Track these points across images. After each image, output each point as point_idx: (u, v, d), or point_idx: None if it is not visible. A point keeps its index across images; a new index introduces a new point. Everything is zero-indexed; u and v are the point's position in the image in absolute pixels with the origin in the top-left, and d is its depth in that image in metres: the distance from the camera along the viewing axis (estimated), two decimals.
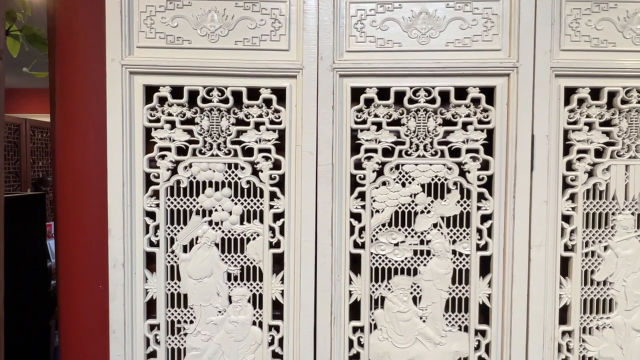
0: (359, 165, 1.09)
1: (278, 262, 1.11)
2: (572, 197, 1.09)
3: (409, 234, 1.10)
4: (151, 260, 1.12)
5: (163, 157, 1.10)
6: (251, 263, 1.12)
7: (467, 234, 1.10)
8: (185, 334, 1.12)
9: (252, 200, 1.11)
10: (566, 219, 1.09)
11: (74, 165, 1.18)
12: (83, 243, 1.18)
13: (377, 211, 1.10)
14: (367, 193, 1.09)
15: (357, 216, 1.10)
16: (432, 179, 1.09)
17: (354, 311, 1.11)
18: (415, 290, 1.11)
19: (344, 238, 1.09)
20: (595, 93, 1.08)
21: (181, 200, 1.11)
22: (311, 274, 1.09)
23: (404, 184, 1.10)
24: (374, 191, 1.09)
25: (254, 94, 1.09)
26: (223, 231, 1.11)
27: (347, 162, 1.08)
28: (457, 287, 1.11)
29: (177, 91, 1.09)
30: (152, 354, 1.13)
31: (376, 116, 1.08)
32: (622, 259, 1.10)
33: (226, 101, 1.08)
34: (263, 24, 1.08)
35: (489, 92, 1.07)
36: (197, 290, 1.11)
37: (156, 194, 1.10)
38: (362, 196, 1.09)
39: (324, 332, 1.09)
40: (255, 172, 1.10)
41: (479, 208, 1.09)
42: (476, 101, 1.08)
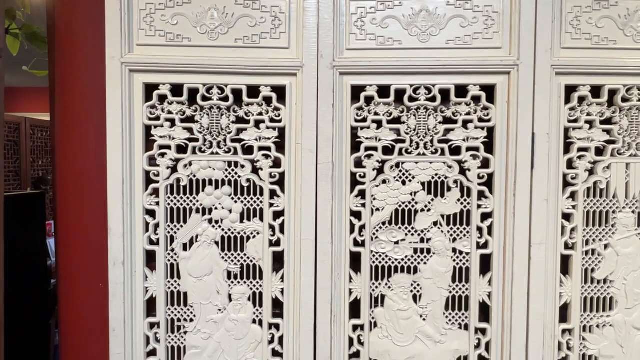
0: (359, 163, 1.09)
1: (278, 261, 1.11)
2: (573, 195, 1.09)
3: (409, 232, 1.10)
4: (151, 259, 1.12)
5: (163, 155, 1.10)
6: (251, 261, 1.12)
7: (468, 232, 1.10)
8: (185, 332, 1.12)
9: (252, 199, 1.11)
10: (567, 217, 1.09)
11: (74, 164, 1.18)
12: (83, 242, 1.18)
13: (378, 209, 1.10)
14: (367, 191, 1.09)
15: (357, 214, 1.10)
16: (433, 177, 1.09)
17: (354, 309, 1.11)
18: (415, 288, 1.11)
19: (344, 236, 1.09)
20: (596, 91, 1.08)
21: (181, 198, 1.11)
22: (311, 272, 1.08)
23: (404, 182, 1.09)
24: (374, 189, 1.09)
25: (254, 92, 1.08)
26: (223, 229, 1.11)
27: (347, 160, 1.08)
28: (457, 286, 1.11)
29: (177, 89, 1.09)
30: (152, 352, 1.13)
31: (376, 114, 1.08)
32: (623, 257, 1.09)
33: (226, 99, 1.08)
34: (263, 22, 1.08)
35: (489, 90, 1.07)
36: (197, 289, 1.11)
37: (156, 192, 1.10)
38: (362, 194, 1.09)
39: (324, 331, 1.09)
40: (255, 170, 1.10)
41: (479, 206, 1.09)
42: (477, 99, 1.07)
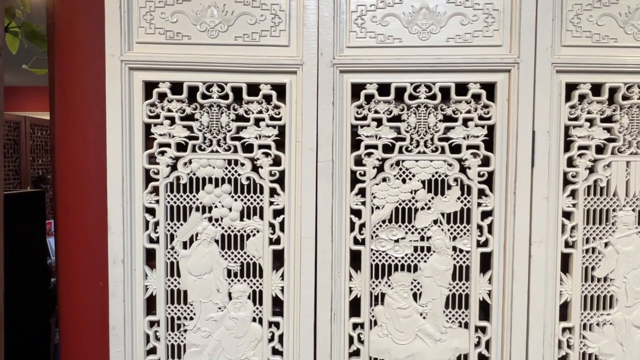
0: (359, 161, 1.09)
1: (278, 259, 1.11)
2: (573, 194, 1.09)
3: (409, 230, 1.10)
4: (151, 257, 1.11)
5: (163, 153, 1.10)
6: (251, 259, 1.11)
7: (468, 230, 1.10)
8: (185, 331, 1.12)
9: (252, 197, 1.11)
10: (567, 215, 1.09)
11: (73, 162, 1.18)
12: (83, 240, 1.18)
13: (378, 207, 1.09)
14: (367, 189, 1.09)
15: (357, 212, 1.10)
16: (433, 175, 1.09)
17: (354, 308, 1.11)
18: (415, 286, 1.11)
19: (344, 234, 1.09)
20: (597, 89, 1.07)
21: (181, 196, 1.11)
22: (311, 271, 1.08)
23: (404, 180, 1.09)
24: (374, 187, 1.09)
25: (253, 90, 1.08)
26: (223, 227, 1.11)
27: (347, 159, 1.08)
28: (457, 284, 1.11)
29: (176, 87, 1.08)
30: (152, 351, 1.12)
31: (376, 112, 1.08)
32: (623, 255, 1.09)
33: (226, 97, 1.08)
34: (263, 20, 1.07)
35: (489, 88, 1.07)
36: (197, 287, 1.11)
37: (156, 190, 1.10)
38: (362, 192, 1.09)
39: (324, 329, 1.09)
40: (255, 169, 1.10)
41: (479, 204, 1.09)
42: (477, 97, 1.07)
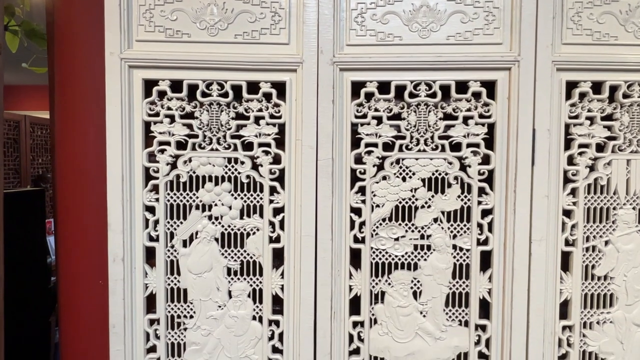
0: (359, 159, 1.09)
1: (278, 257, 1.11)
2: (573, 192, 1.08)
3: (410, 228, 1.10)
4: (151, 255, 1.11)
5: (162, 151, 1.10)
6: (251, 258, 1.11)
7: (468, 228, 1.09)
8: (185, 329, 1.12)
9: (252, 195, 1.11)
10: (567, 213, 1.09)
11: (73, 161, 1.18)
12: (83, 239, 1.18)
13: (378, 206, 1.09)
14: (367, 187, 1.09)
15: (357, 211, 1.09)
16: (433, 174, 1.09)
17: (354, 306, 1.11)
18: (415, 285, 1.11)
19: (344, 233, 1.09)
20: (597, 87, 1.07)
21: (181, 194, 1.11)
22: (311, 269, 1.08)
23: (404, 179, 1.09)
24: (374, 186, 1.09)
25: (253, 88, 1.08)
26: (223, 226, 1.11)
27: (347, 157, 1.08)
28: (457, 282, 1.10)
29: (176, 85, 1.08)
30: (152, 349, 1.12)
31: (377, 110, 1.08)
32: (623, 253, 1.09)
33: (226, 95, 1.08)
34: (263, 18, 1.07)
35: (490, 86, 1.07)
36: (197, 285, 1.11)
37: (156, 188, 1.10)
38: (362, 191, 1.09)
39: (324, 327, 1.09)
40: (255, 167, 1.10)
41: (479, 203, 1.08)
42: (477, 95, 1.07)
